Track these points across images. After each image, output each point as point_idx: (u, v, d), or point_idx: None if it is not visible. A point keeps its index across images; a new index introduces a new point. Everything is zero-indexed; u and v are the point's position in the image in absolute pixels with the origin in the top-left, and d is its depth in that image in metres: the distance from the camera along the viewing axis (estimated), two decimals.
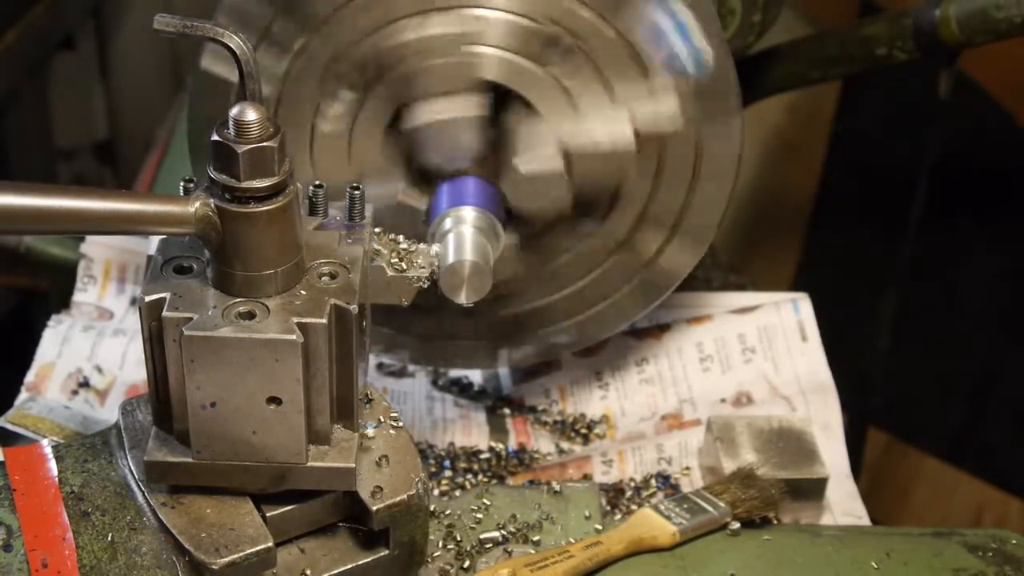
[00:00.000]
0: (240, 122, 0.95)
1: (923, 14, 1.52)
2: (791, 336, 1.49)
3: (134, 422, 1.10)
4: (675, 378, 1.49)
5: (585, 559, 1.13)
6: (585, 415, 1.48)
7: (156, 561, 1.03)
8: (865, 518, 1.34)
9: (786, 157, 2.45)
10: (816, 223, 2.47)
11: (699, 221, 1.29)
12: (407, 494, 1.06)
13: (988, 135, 2.15)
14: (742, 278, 1.92)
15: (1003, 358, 2.27)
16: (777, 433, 1.34)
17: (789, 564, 1.16)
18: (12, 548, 1.03)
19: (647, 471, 1.38)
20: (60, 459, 1.10)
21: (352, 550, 1.09)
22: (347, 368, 1.03)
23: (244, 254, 0.98)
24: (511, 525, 1.20)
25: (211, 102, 1.24)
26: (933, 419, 2.35)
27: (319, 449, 1.04)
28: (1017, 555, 1.18)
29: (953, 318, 2.29)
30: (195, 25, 0.94)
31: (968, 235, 2.22)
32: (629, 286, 1.34)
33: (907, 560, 1.17)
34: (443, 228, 1.19)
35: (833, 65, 1.67)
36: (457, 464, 1.38)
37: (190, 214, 0.96)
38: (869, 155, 2.35)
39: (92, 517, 1.05)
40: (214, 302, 0.99)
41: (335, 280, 1.02)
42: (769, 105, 1.99)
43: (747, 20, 1.48)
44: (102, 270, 1.59)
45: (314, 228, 1.07)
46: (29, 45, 2.15)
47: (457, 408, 1.50)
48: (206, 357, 0.97)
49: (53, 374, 1.44)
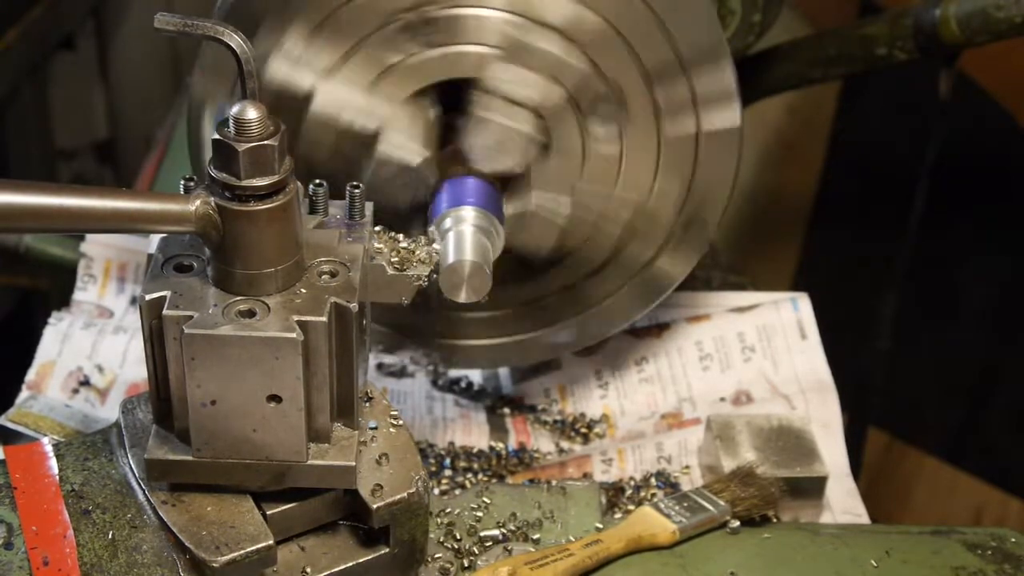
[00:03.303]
0: (240, 120, 0.95)
1: (923, 14, 1.52)
2: (790, 335, 1.49)
3: (134, 420, 1.11)
4: (675, 377, 1.50)
5: (585, 557, 1.13)
6: (585, 414, 1.48)
7: (157, 559, 1.03)
8: (864, 516, 1.34)
9: (786, 157, 2.45)
10: (816, 223, 2.47)
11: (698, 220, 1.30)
12: (407, 492, 1.07)
13: (988, 135, 2.15)
14: (742, 278, 1.91)
15: (1003, 358, 2.27)
16: (776, 432, 1.34)
17: (788, 562, 1.16)
18: (13, 546, 1.03)
19: (647, 470, 1.38)
20: (61, 457, 1.10)
21: (352, 548, 1.09)
22: (347, 366, 1.03)
23: (244, 252, 0.98)
24: (511, 523, 1.20)
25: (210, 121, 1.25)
26: (933, 419, 2.35)
27: (319, 447, 1.05)
28: (1016, 553, 1.18)
29: (953, 318, 2.30)
30: (195, 24, 0.94)
31: (968, 235, 2.22)
32: (629, 286, 1.35)
33: (906, 558, 1.17)
34: (443, 227, 1.19)
35: (833, 65, 1.67)
36: (457, 463, 1.38)
37: (190, 212, 0.96)
38: (869, 155, 2.35)
39: (93, 515, 1.05)
40: (214, 300, 0.99)
41: (335, 278, 1.02)
42: (769, 105, 2.00)
43: (747, 20, 1.48)
44: (102, 269, 1.59)
45: (314, 227, 1.07)
46: (29, 45, 2.15)
47: (457, 407, 1.50)
48: (207, 355, 0.97)
49: (54, 372, 1.45)
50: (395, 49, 1.21)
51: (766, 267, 2.48)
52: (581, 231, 1.30)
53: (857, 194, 2.38)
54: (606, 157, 1.27)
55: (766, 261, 2.50)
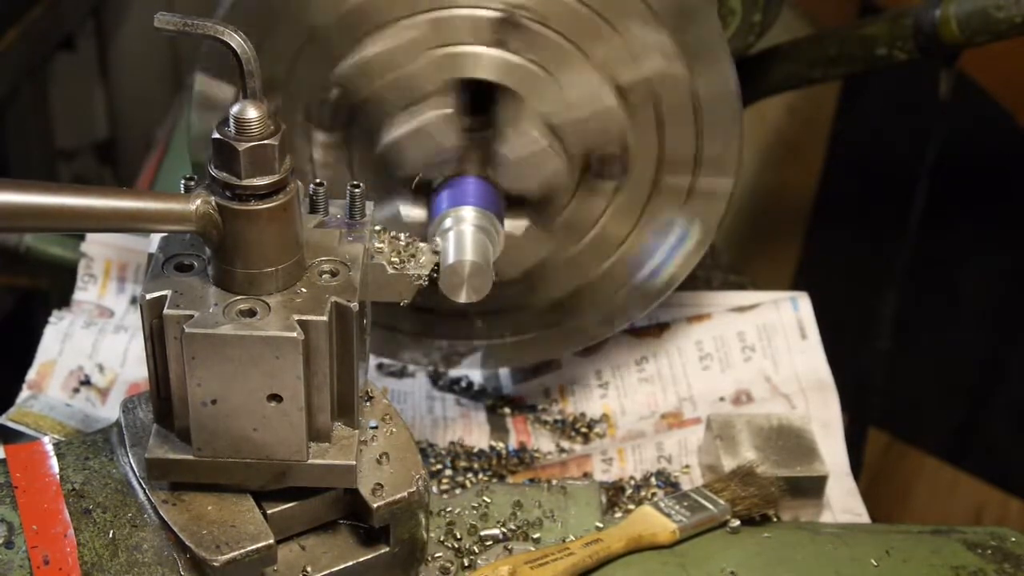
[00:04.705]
0: (241, 120, 0.95)
1: (923, 14, 1.52)
2: (790, 334, 1.50)
3: (135, 420, 1.11)
4: (675, 376, 1.50)
5: (585, 556, 1.13)
6: (585, 414, 1.48)
7: (157, 558, 1.03)
8: (864, 516, 1.34)
9: (786, 157, 2.45)
10: (816, 223, 2.47)
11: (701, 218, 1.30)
12: (408, 491, 1.07)
13: (988, 135, 2.15)
14: (742, 278, 1.91)
15: (1003, 358, 2.27)
16: (777, 431, 1.34)
17: (788, 561, 1.17)
18: (13, 545, 1.03)
19: (647, 469, 1.38)
20: (61, 456, 1.10)
21: (353, 547, 1.09)
22: (347, 365, 1.03)
23: (245, 252, 0.98)
24: (511, 523, 1.20)
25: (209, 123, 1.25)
26: (933, 419, 2.35)
27: (320, 446, 1.05)
28: (1016, 552, 1.19)
29: (953, 318, 2.30)
30: (195, 23, 0.94)
31: (968, 235, 2.22)
32: (630, 285, 1.35)
33: (906, 558, 1.17)
34: (443, 227, 1.20)
35: (833, 65, 1.67)
36: (457, 463, 1.38)
37: (191, 212, 0.97)
38: (869, 155, 2.35)
39: (93, 514, 1.05)
40: (215, 300, 0.99)
41: (335, 278, 1.02)
42: (769, 105, 2.00)
43: (747, 20, 1.48)
44: (102, 269, 1.59)
45: (314, 226, 1.07)
46: (29, 45, 2.15)
47: (458, 407, 1.50)
48: (207, 354, 0.97)
49: (54, 372, 1.45)
50: (471, 32, 1.20)
51: (766, 267, 2.48)
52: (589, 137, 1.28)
53: (857, 194, 2.38)
54: (591, 208, 1.30)
55: (766, 261, 2.50)
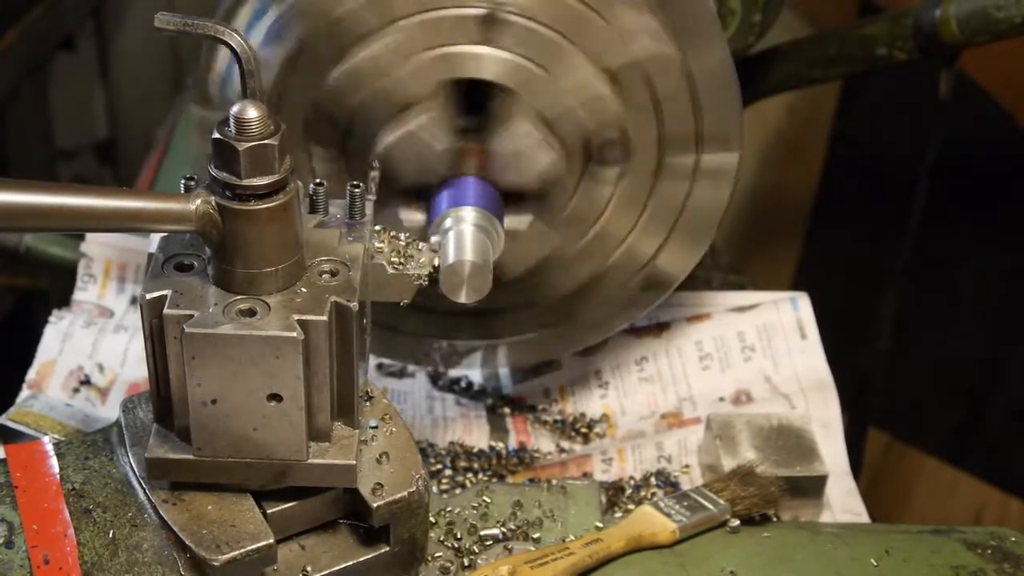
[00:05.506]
0: (241, 119, 0.95)
1: (923, 14, 1.52)
2: (790, 334, 1.50)
3: (135, 419, 1.11)
4: (675, 376, 1.50)
5: (585, 556, 1.13)
6: (585, 414, 1.48)
7: (157, 558, 1.03)
8: (864, 515, 1.34)
9: (786, 157, 2.45)
10: (816, 223, 2.47)
11: (699, 220, 1.30)
12: (407, 491, 1.07)
13: (988, 135, 2.15)
14: (742, 278, 1.92)
15: (1003, 358, 2.27)
16: (776, 431, 1.34)
17: (788, 561, 1.17)
18: (14, 545, 1.03)
19: (647, 469, 1.38)
20: (61, 456, 1.10)
21: (353, 547, 1.09)
22: (347, 365, 1.03)
23: (245, 251, 0.98)
24: (511, 522, 1.20)
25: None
26: (933, 419, 2.35)
27: (320, 446, 1.05)
28: (1016, 552, 1.19)
29: (953, 318, 2.30)
30: (195, 23, 0.94)
31: (968, 235, 2.22)
32: (630, 285, 1.35)
33: (906, 557, 1.17)
34: (443, 227, 1.20)
35: (833, 65, 1.67)
36: (457, 463, 1.38)
37: (191, 211, 0.97)
38: (869, 155, 2.35)
39: (93, 514, 1.05)
40: (215, 299, 0.99)
41: (335, 278, 1.02)
42: (769, 105, 2.00)
43: (747, 20, 1.48)
44: (102, 269, 1.59)
45: (314, 226, 1.07)
46: (29, 45, 2.15)
47: (457, 407, 1.50)
48: (207, 354, 0.97)
49: (54, 372, 1.45)
50: (458, 32, 1.20)
51: (766, 267, 2.48)
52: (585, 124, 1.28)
53: (857, 194, 2.38)
54: (595, 198, 1.29)
55: (766, 261, 2.50)
